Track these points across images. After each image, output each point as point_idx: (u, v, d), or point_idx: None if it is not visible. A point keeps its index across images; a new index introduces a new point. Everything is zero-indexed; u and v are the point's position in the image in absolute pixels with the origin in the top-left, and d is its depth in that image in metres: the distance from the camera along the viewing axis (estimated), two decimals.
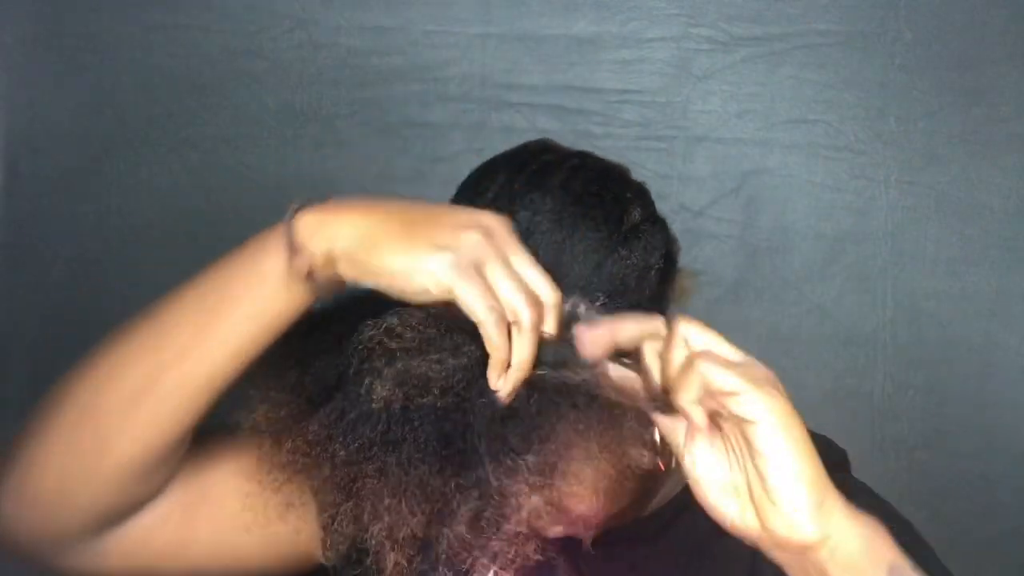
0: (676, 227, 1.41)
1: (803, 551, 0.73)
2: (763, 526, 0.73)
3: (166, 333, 0.77)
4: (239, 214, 1.42)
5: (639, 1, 1.41)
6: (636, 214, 0.89)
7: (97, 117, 1.41)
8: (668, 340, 0.74)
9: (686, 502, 0.95)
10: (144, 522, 0.81)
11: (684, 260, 1.41)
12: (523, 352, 0.73)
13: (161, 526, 0.82)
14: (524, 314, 0.72)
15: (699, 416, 0.72)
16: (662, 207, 1.41)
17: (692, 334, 0.74)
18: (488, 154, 1.43)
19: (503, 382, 0.73)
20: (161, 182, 1.42)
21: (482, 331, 0.72)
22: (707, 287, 1.41)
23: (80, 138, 1.41)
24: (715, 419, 0.73)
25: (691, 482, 0.75)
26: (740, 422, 0.72)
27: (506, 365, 0.73)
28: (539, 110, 1.41)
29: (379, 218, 0.74)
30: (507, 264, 0.73)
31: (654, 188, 1.41)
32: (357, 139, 1.42)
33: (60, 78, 1.41)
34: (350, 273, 0.73)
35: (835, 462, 1.02)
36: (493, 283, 0.72)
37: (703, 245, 1.41)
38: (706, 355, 0.73)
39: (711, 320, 1.49)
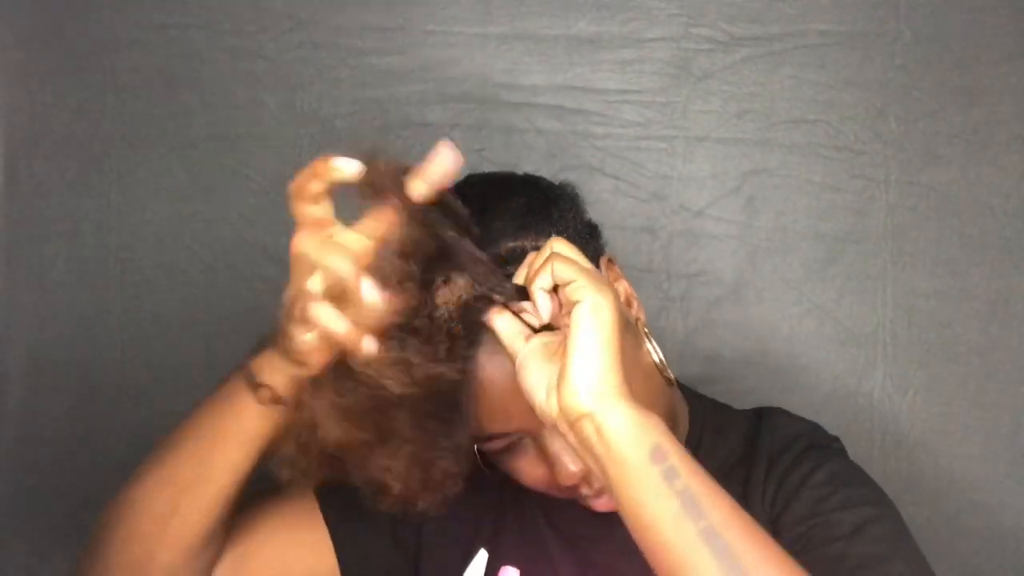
0: (676, 227, 1.42)
1: (578, 422, 0.86)
2: (559, 405, 0.87)
3: (178, 467, 0.98)
4: (239, 214, 1.43)
5: (639, 1, 1.41)
6: (544, 182, 1.08)
7: (97, 117, 1.41)
8: (541, 252, 0.93)
9: None
10: None
11: (684, 260, 1.42)
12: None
13: None
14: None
15: (542, 300, 0.90)
16: (662, 207, 1.42)
17: (556, 245, 0.92)
18: (488, 154, 1.44)
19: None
20: (161, 182, 1.42)
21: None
22: (707, 287, 1.41)
23: (80, 138, 1.41)
24: (556, 321, 0.91)
25: (519, 372, 0.91)
26: (571, 304, 0.88)
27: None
28: (539, 110, 1.41)
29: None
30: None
31: (654, 188, 1.42)
32: (357, 139, 1.42)
33: (60, 78, 1.41)
34: (296, 366, 0.91)
35: (822, 443, 1.05)
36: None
37: (703, 245, 1.41)
38: (557, 255, 0.90)
39: (711, 320, 1.49)
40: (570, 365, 0.87)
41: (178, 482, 0.98)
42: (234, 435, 0.96)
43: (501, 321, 0.92)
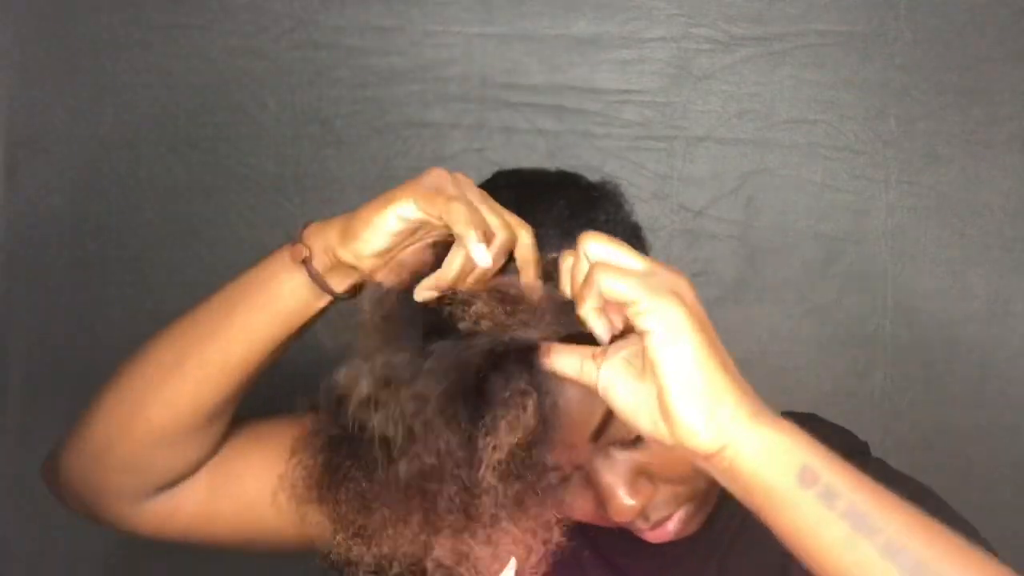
0: (676, 227, 1.42)
1: (707, 460, 0.74)
2: (671, 435, 0.74)
3: (194, 323, 0.92)
4: (239, 214, 1.42)
5: (639, 1, 1.41)
6: (583, 180, 0.96)
7: (97, 117, 1.41)
8: (574, 255, 0.78)
9: (722, 502, 0.96)
10: (175, 496, 0.95)
11: (684, 260, 1.42)
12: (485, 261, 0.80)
13: (188, 500, 0.95)
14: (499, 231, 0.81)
15: (599, 325, 0.75)
16: (662, 207, 1.42)
17: (591, 246, 0.77)
18: (488, 154, 1.44)
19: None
20: (161, 182, 1.42)
21: (454, 228, 0.79)
22: (707, 287, 1.41)
23: (80, 138, 1.41)
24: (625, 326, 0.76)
25: (607, 400, 0.77)
26: (640, 332, 0.74)
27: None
28: (539, 110, 1.41)
29: (359, 206, 0.87)
30: (463, 191, 0.83)
31: (654, 188, 1.42)
32: (357, 139, 1.42)
33: (60, 78, 1.41)
34: (348, 253, 0.85)
35: (856, 449, 1.02)
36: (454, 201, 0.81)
37: (703, 245, 1.41)
38: (602, 266, 0.75)
39: (711, 320, 1.49)
40: (671, 405, 0.73)
41: (192, 335, 0.91)
42: (259, 295, 0.89)
43: (560, 361, 0.78)
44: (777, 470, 0.73)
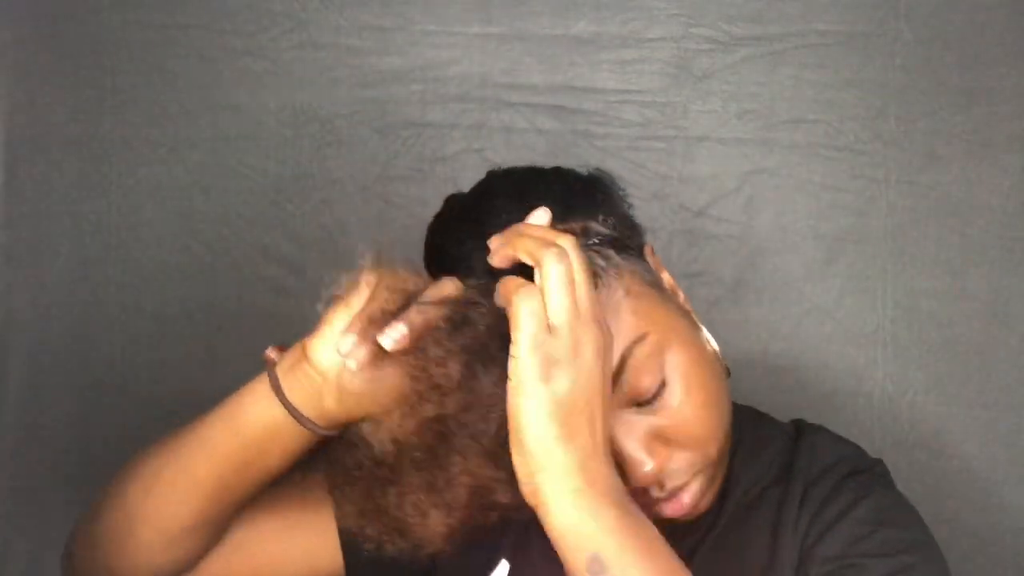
0: (676, 227, 1.42)
1: (536, 509, 0.81)
2: None
3: (174, 438, 0.94)
4: (239, 214, 1.43)
5: (639, 1, 1.41)
6: (577, 170, 1.03)
7: (97, 117, 1.41)
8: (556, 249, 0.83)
9: (724, 496, 0.99)
10: None
11: (684, 260, 1.42)
12: None
13: None
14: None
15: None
16: (662, 207, 1.42)
17: (565, 253, 0.83)
18: (488, 154, 1.44)
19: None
20: (161, 182, 1.42)
21: None
22: (707, 287, 1.41)
23: (80, 138, 1.41)
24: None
25: None
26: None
27: None
28: (539, 110, 1.41)
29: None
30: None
31: (654, 188, 1.43)
32: (357, 139, 1.42)
33: (60, 78, 1.41)
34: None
35: (863, 469, 1.01)
36: None
37: (703, 245, 1.41)
38: (530, 298, 0.81)
39: (711, 320, 1.49)
40: (512, 448, 0.81)
41: (166, 451, 0.94)
42: (227, 417, 0.91)
43: None
44: (571, 549, 0.80)
